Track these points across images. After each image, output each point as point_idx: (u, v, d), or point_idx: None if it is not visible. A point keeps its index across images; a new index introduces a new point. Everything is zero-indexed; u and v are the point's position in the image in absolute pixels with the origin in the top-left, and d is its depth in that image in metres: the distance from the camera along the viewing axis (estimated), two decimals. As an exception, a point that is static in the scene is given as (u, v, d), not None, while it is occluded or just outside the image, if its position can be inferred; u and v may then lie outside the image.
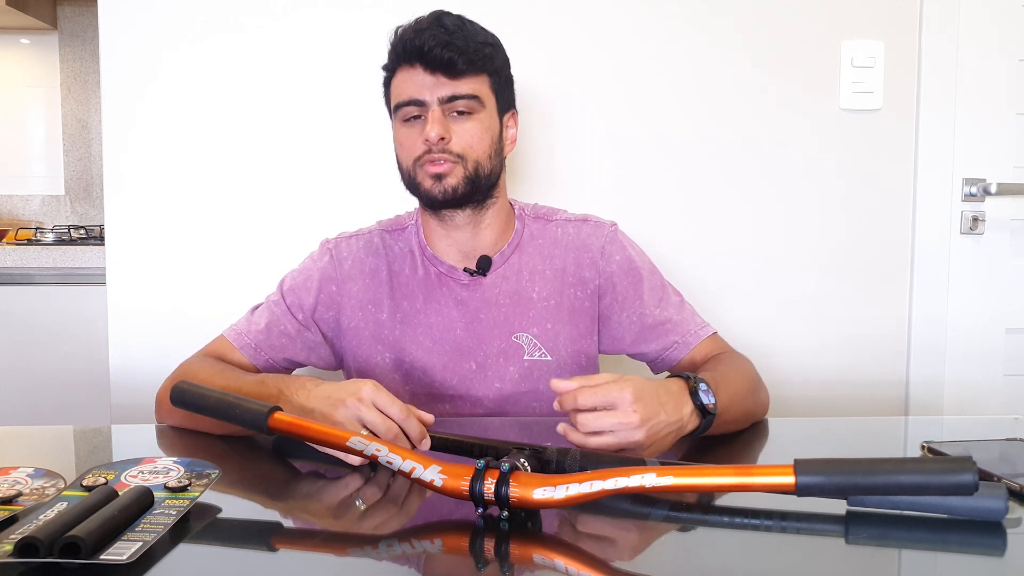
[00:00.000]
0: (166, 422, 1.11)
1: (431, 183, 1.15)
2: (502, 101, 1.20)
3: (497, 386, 1.21)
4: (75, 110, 2.84)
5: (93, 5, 1.72)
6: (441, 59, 1.12)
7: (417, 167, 1.16)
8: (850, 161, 1.74)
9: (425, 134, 1.13)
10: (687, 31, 1.70)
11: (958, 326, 1.78)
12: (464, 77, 1.14)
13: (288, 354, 1.22)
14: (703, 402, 0.95)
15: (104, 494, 0.70)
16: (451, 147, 1.14)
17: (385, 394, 0.92)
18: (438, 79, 1.13)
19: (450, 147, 1.14)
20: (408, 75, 1.14)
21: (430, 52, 1.12)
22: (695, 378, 0.96)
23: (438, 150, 1.13)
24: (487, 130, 1.17)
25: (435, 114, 1.13)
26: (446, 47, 1.12)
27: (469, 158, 1.15)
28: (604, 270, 1.24)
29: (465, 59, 1.13)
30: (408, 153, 1.16)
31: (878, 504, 0.73)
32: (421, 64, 1.13)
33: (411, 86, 1.14)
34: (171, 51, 1.63)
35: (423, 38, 1.12)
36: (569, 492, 0.71)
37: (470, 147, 1.15)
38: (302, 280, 1.24)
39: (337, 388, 0.95)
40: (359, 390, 0.92)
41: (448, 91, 1.13)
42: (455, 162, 1.14)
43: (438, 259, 1.22)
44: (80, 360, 2.09)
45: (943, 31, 1.72)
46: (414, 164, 1.16)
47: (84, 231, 2.58)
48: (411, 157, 1.16)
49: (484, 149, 1.16)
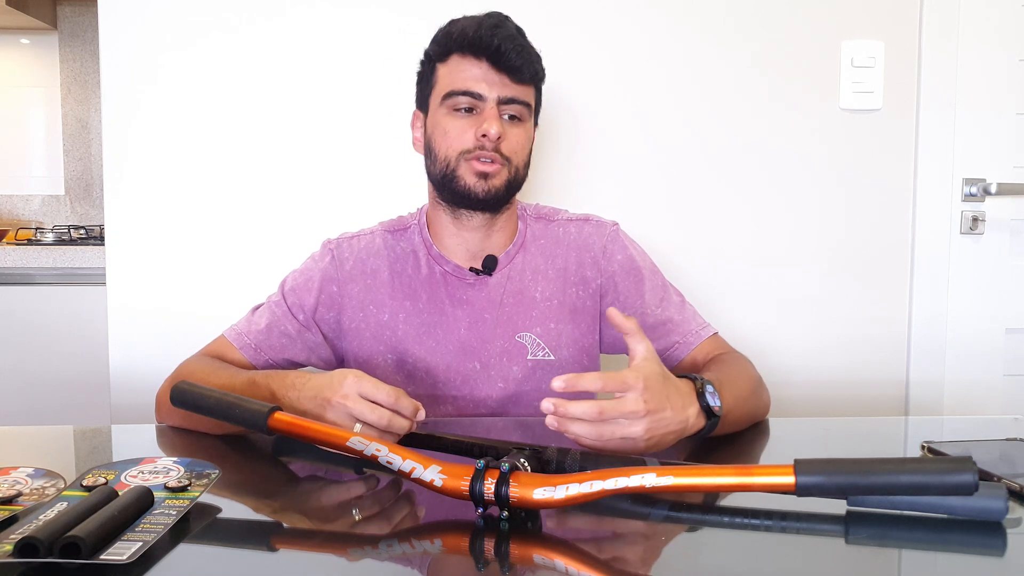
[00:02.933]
0: (166, 422, 1.11)
1: (475, 180, 1.14)
2: (536, 114, 1.21)
3: (500, 386, 1.21)
4: (75, 110, 2.84)
5: (93, 5, 1.72)
6: (512, 62, 1.12)
7: (462, 160, 1.14)
8: (850, 161, 1.74)
9: (483, 129, 1.12)
10: (687, 31, 1.70)
11: (958, 326, 1.78)
12: (524, 84, 1.15)
13: (288, 354, 1.22)
14: (709, 404, 0.93)
15: (104, 494, 0.70)
16: (502, 148, 1.13)
17: (369, 382, 0.92)
18: (503, 79, 1.13)
19: (501, 148, 1.13)
20: (469, 65, 1.13)
21: (505, 52, 1.11)
22: (702, 380, 0.95)
23: (492, 148, 1.13)
24: (529, 139, 1.18)
25: (493, 111, 1.13)
26: (520, 52, 1.12)
27: (513, 163, 1.15)
28: (606, 269, 1.24)
29: (530, 68, 1.14)
30: (453, 144, 1.15)
31: (878, 504, 0.73)
32: (489, 60, 1.12)
33: (471, 78, 1.13)
34: (171, 51, 1.63)
35: (499, 36, 1.12)
36: (569, 492, 0.71)
37: (516, 152, 1.15)
38: (303, 280, 1.24)
39: (322, 387, 0.94)
40: (342, 385, 0.92)
41: (509, 93, 1.13)
42: (503, 164, 1.14)
43: (444, 258, 1.22)
44: (80, 360, 2.09)
45: (943, 31, 1.72)
46: (458, 157, 1.14)
47: (84, 231, 2.58)
48: (456, 149, 1.15)
49: (525, 157, 1.18)
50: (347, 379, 0.93)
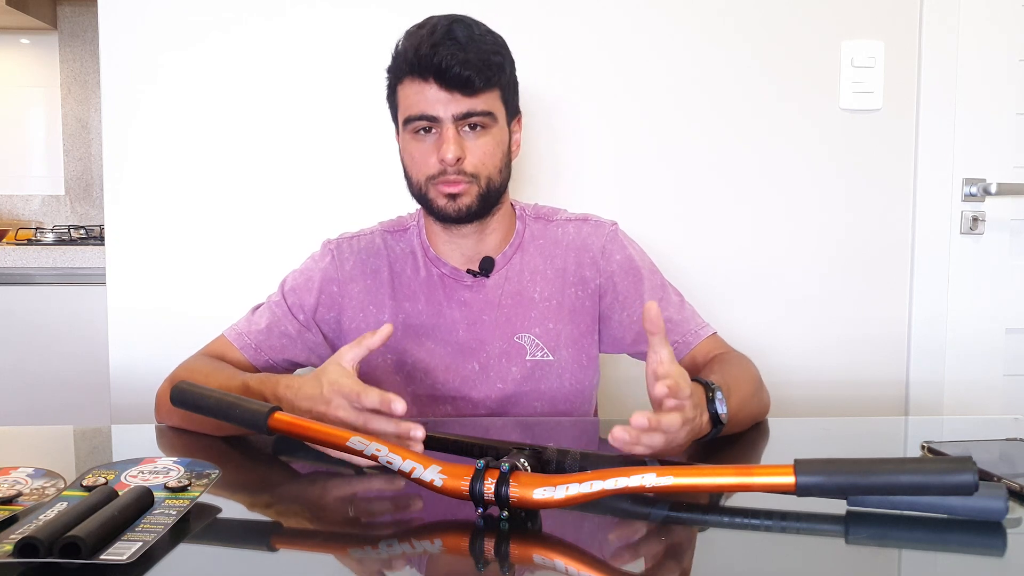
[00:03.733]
0: (166, 422, 1.11)
1: (444, 202, 1.14)
2: (510, 110, 1.18)
3: (499, 387, 1.21)
4: (75, 110, 2.84)
5: (93, 5, 1.72)
6: (459, 77, 1.08)
7: (430, 185, 1.14)
8: (850, 161, 1.74)
9: (440, 154, 1.10)
10: (688, 31, 1.70)
11: (958, 326, 1.78)
12: (479, 94, 1.11)
13: (288, 355, 1.22)
14: (716, 411, 0.93)
15: (104, 494, 0.70)
16: (465, 167, 1.12)
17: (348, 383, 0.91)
18: (453, 96, 1.09)
19: (464, 167, 1.12)
20: (420, 88, 1.10)
21: (448, 70, 1.08)
22: (713, 386, 0.94)
23: (453, 171, 1.12)
24: (498, 145, 1.15)
25: (450, 133, 1.10)
26: (464, 65, 1.08)
27: (482, 175, 1.14)
28: (604, 269, 1.24)
29: (482, 77, 1.09)
30: (420, 169, 1.14)
31: (878, 504, 0.73)
32: (436, 80, 1.09)
33: (423, 101, 1.10)
34: (171, 51, 1.63)
35: (439, 54, 1.07)
36: (569, 492, 0.71)
37: (483, 164, 1.13)
38: (303, 280, 1.24)
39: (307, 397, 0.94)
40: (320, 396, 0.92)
41: (464, 108, 1.10)
42: (469, 182, 1.13)
43: (441, 261, 1.22)
44: (80, 360, 2.09)
45: (943, 31, 1.72)
46: (426, 181, 1.14)
47: (84, 231, 2.58)
48: (423, 174, 1.14)
49: (496, 164, 1.15)
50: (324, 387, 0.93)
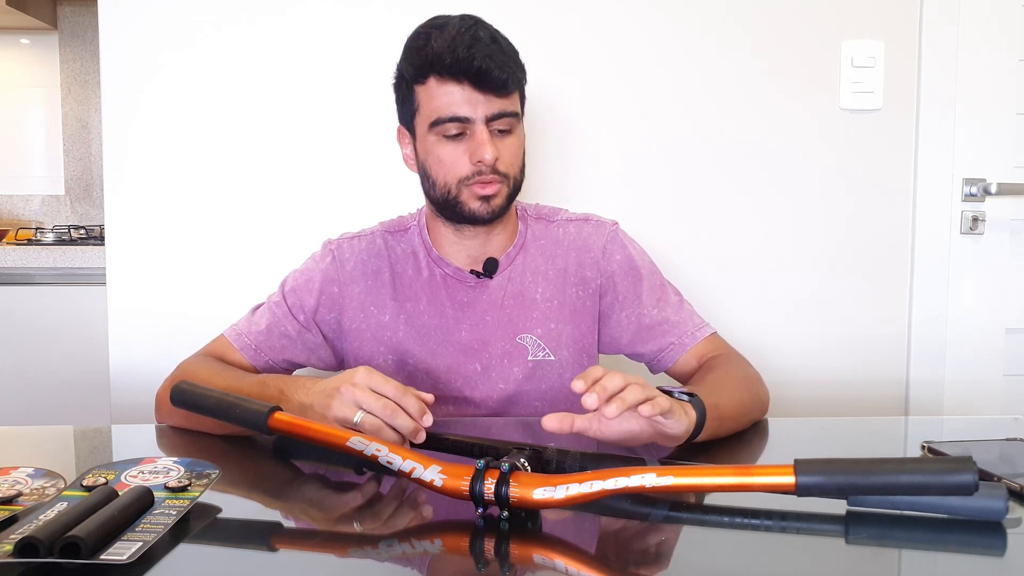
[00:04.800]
0: (166, 422, 1.11)
1: (479, 204, 1.13)
2: (523, 111, 1.19)
3: (501, 387, 1.21)
4: (75, 110, 2.84)
5: (93, 5, 1.72)
6: (498, 80, 1.08)
7: (463, 187, 1.13)
8: (850, 161, 1.74)
9: (478, 156, 1.10)
10: (688, 31, 1.70)
11: (958, 326, 1.78)
12: (509, 95, 1.11)
13: (288, 355, 1.22)
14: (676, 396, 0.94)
15: (104, 494, 0.70)
16: (499, 166, 1.12)
17: (379, 376, 0.92)
18: (487, 97, 1.09)
19: (498, 167, 1.12)
20: (451, 90, 1.09)
21: (488, 72, 1.07)
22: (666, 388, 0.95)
23: (490, 171, 1.11)
24: (521, 145, 1.16)
25: (484, 134, 1.10)
26: (501, 67, 1.08)
27: (511, 175, 1.14)
28: (605, 269, 1.24)
29: (514, 78, 1.10)
30: (451, 171, 1.13)
31: (878, 504, 0.73)
32: (471, 81, 1.08)
33: (454, 103, 1.09)
34: (171, 51, 1.63)
35: (477, 56, 1.06)
36: (569, 492, 0.71)
37: (512, 165, 1.14)
38: (303, 281, 1.24)
39: (333, 379, 0.95)
40: (353, 376, 0.93)
41: (496, 108, 1.10)
42: (501, 182, 1.13)
43: (444, 261, 1.22)
44: (80, 360, 2.09)
45: (943, 31, 1.72)
46: (458, 184, 1.13)
47: (84, 231, 2.58)
48: (455, 176, 1.13)
49: (520, 164, 1.16)
50: (359, 372, 0.93)
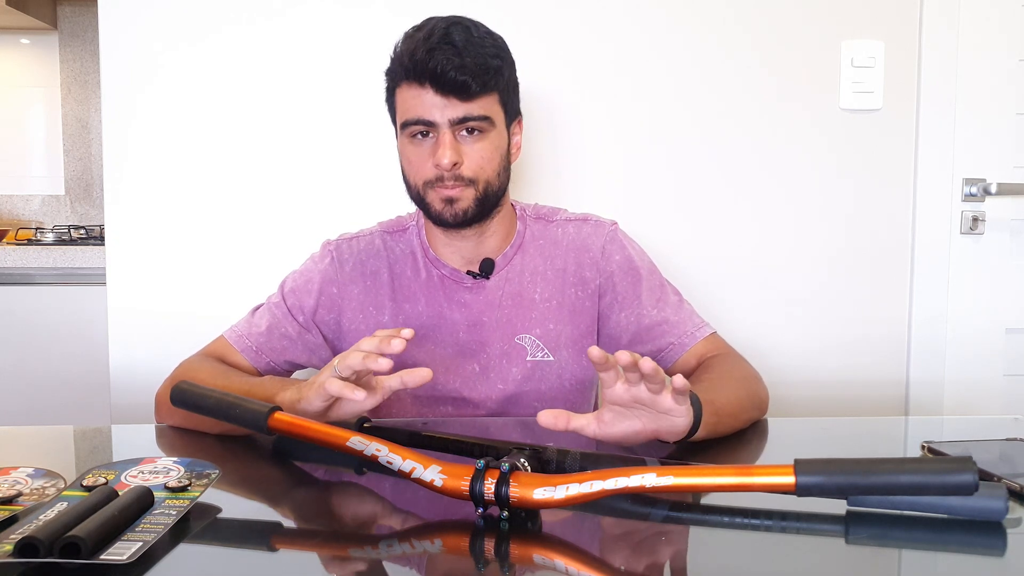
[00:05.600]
0: (166, 422, 1.11)
1: (442, 206, 1.13)
2: (510, 113, 1.17)
3: (500, 387, 1.21)
4: (75, 110, 2.84)
5: (93, 5, 1.72)
6: (455, 82, 1.08)
7: (427, 189, 1.14)
8: (850, 161, 1.74)
9: (436, 159, 1.10)
10: (688, 30, 1.70)
11: (958, 326, 1.78)
12: (476, 99, 1.10)
13: (289, 356, 1.22)
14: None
15: (104, 494, 0.70)
16: (463, 172, 1.11)
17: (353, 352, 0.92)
18: (450, 101, 1.09)
19: (462, 172, 1.11)
20: (416, 93, 1.10)
21: (443, 75, 1.07)
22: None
23: (450, 176, 1.11)
24: (496, 149, 1.14)
25: (446, 138, 1.10)
26: (460, 70, 1.07)
27: (480, 180, 1.13)
28: (604, 269, 1.24)
29: (479, 81, 1.09)
30: (417, 173, 1.14)
31: (878, 504, 0.73)
32: (432, 85, 1.08)
33: (420, 105, 1.10)
34: (171, 51, 1.63)
35: (435, 59, 1.07)
36: (569, 492, 0.71)
37: (481, 169, 1.13)
38: (303, 282, 1.24)
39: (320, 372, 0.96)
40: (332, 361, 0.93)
41: (460, 113, 1.09)
42: (466, 186, 1.12)
43: (441, 262, 1.22)
44: (80, 360, 2.09)
45: (943, 31, 1.72)
46: (424, 185, 1.14)
47: (84, 231, 2.58)
48: (420, 178, 1.14)
49: (494, 168, 1.14)
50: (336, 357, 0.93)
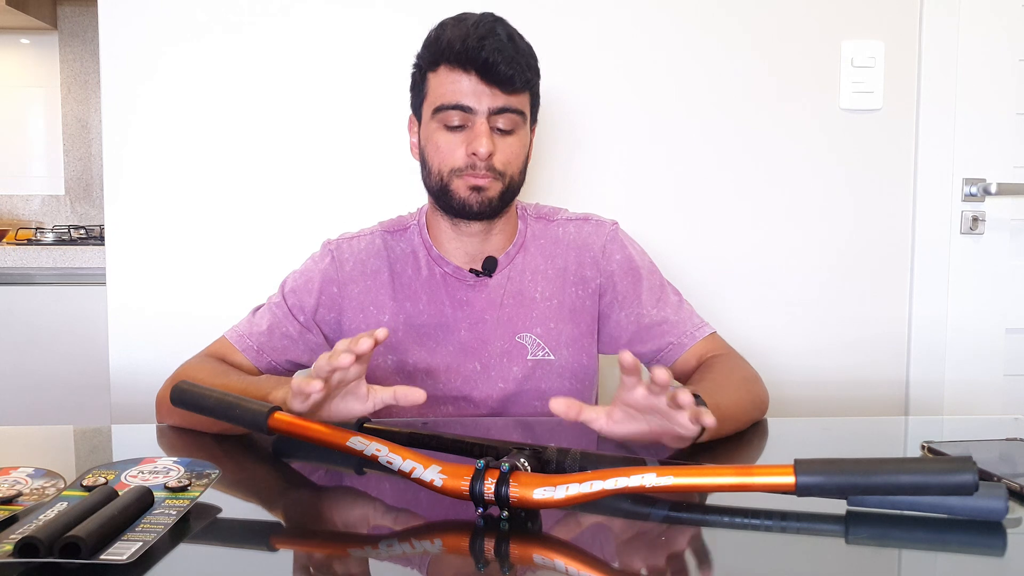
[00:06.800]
0: (166, 422, 1.11)
1: (469, 194, 1.13)
2: (533, 116, 1.19)
3: (500, 386, 1.21)
4: (75, 110, 2.84)
5: (93, 5, 1.72)
6: (503, 74, 1.09)
7: (453, 176, 1.14)
8: (850, 161, 1.74)
9: (472, 147, 1.10)
10: (688, 30, 1.70)
11: (958, 326, 1.78)
12: (517, 94, 1.12)
13: (290, 355, 1.22)
14: None
15: (104, 494, 0.70)
16: (495, 163, 1.12)
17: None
18: (493, 91, 1.10)
19: (494, 163, 1.12)
20: (458, 78, 1.10)
21: (494, 65, 1.08)
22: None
23: (484, 166, 1.12)
24: (523, 147, 1.16)
25: (483, 127, 1.11)
26: (511, 63, 1.09)
27: (507, 174, 1.14)
28: (605, 269, 1.24)
29: (522, 77, 1.10)
30: (445, 160, 1.14)
31: (878, 504, 0.73)
32: (478, 72, 1.09)
33: (460, 91, 1.10)
34: (171, 50, 1.64)
35: (487, 47, 1.08)
36: (569, 492, 0.71)
37: (510, 163, 1.14)
38: (303, 282, 1.24)
39: None
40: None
41: (500, 103, 1.10)
42: (495, 178, 1.13)
43: (444, 260, 1.22)
44: (80, 360, 2.09)
45: (943, 31, 1.72)
46: (450, 173, 1.14)
47: (84, 231, 2.58)
48: (448, 165, 1.14)
49: (519, 165, 1.16)
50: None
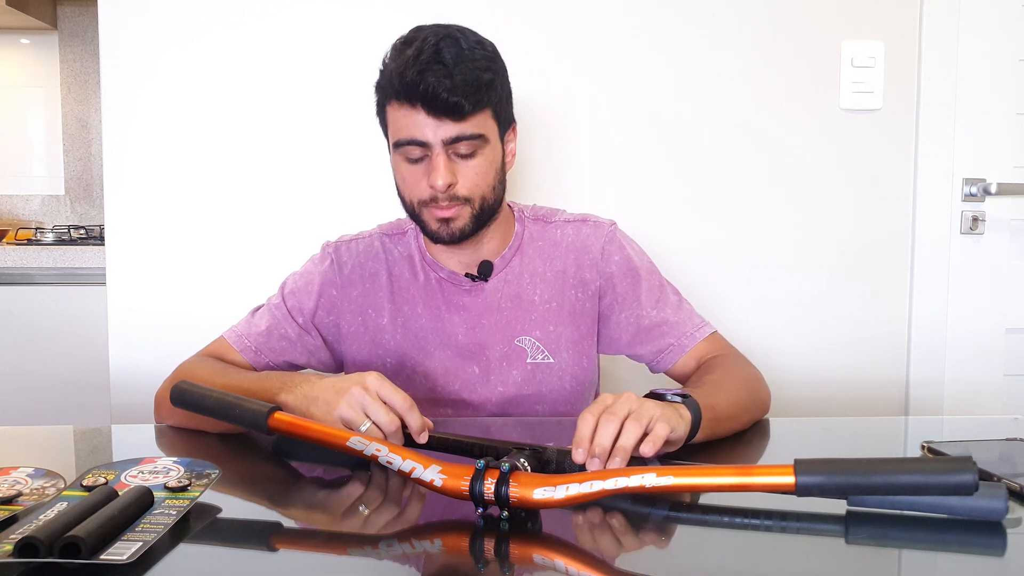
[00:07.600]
0: (166, 422, 1.11)
1: (438, 226, 1.12)
2: (503, 124, 1.15)
3: (500, 390, 1.21)
4: (75, 110, 2.84)
5: (93, 5, 1.72)
6: (447, 104, 1.04)
7: (422, 208, 1.12)
8: (850, 161, 1.74)
9: (431, 181, 1.08)
10: (689, 30, 1.69)
11: (958, 326, 1.77)
12: (469, 118, 1.07)
13: (288, 357, 1.22)
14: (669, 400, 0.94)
15: (104, 494, 0.70)
16: (458, 191, 1.10)
17: (389, 385, 0.93)
18: (442, 122, 1.06)
19: (456, 192, 1.10)
20: (408, 113, 1.07)
21: (435, 97, 1.04)
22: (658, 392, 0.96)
23: (444, 197, 1.09)
24: (491, 164, 1.12)
25: (439, 159, 1.07)
26: (452, 91, 1.04)
27: (475, 197, 1.11)
28: (604, 270, 1.24)
29: (471, 100, 1.06)
30: (412, 192, 1.12)
31: (878, 504, 0.73)
32: (423, 106, 1.05)
33: (412, 126, 1.07)
34: (171, 50, 1.63)
35: (426, 80, 1.04)
36: (569, 492, 0.71)
37: (476, 186, 1.11)
38: (303, 284, 1.24)
39: (344, 378, 0.95)
40: (364, 379, 0.93)
41: (453, 133, 1.07)
42: (462, 205, 1.11)
43: (439, 265, 1.22)
44: (80, 360, 2.09)
45: (943, 31, 1.72)
46: (418, 204, 1.12)
47: (84, 231, 2.58)
48: (415, 197, 1.12)
49: (489, 184, 1.12)
50: (371, 376, 0.93)
